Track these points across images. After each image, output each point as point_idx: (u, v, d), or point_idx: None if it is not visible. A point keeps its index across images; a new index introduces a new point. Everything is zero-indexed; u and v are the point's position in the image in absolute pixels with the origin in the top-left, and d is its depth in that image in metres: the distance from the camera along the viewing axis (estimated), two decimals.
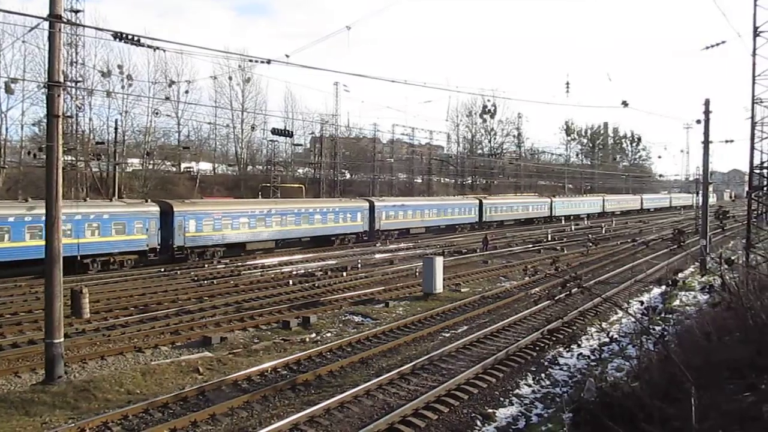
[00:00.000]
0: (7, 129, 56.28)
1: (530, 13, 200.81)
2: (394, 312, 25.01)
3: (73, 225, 33.44)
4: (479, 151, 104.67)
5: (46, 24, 14.76)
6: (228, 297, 27.11)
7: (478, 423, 13.31)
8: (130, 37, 14.38)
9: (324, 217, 49.98)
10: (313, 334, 21.22)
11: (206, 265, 37.54)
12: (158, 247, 38.43)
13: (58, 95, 15.08)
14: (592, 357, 18.19)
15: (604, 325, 22.05)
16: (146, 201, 41.27)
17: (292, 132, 44.99)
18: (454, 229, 65.31)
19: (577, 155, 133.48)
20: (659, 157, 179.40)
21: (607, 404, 10.30)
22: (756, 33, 24.38)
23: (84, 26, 46.05)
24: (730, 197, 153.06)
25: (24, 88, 50.81)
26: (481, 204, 69.74)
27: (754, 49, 24.46)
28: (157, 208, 39.16)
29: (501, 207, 74.00)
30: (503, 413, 13.88)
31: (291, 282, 31.12)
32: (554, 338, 19.70)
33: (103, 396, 14.70)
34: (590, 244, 43.62)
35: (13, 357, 17.66)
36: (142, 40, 14.75)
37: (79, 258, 33.18)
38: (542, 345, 19.08)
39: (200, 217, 40.95)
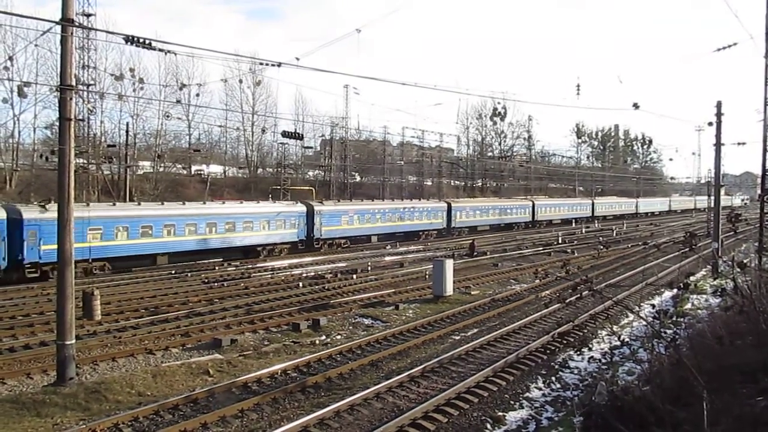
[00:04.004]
0: (19, 132, 56.94)
1: (540, 15, 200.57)
2: (404, 314, 24.99)
3: (404, 214, 56.95)
4: (489, 154, 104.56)
5: (58, 28, 14.85)
6: (238, 299, 27.17)
7: (488, 426, 13.26)
8: (141, 40, 14.46)
9: (511, 211, 73.58)
10: (323, 337, 21.23)
11: (216, 268, 37.69)
12: (444, 227, 61.76)
13: (70, 98, 15.16)
14: (603, 360, 18.09)
15: (615, 328, 21.91)
16: (440, 201, 65.79)
17: (302, 135, 45.32)
18: (576, 222, 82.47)
19: (587, 158, 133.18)
20: (670, 159, 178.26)
21: (618, 408, 10.24)
22: None
23: (96, 30, 46.18)
24: (742, 201, 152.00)
25: (36, 91, 51.36)
26: (593, 204, 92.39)
27: (767, 51, 24.27)
28: (446, 205, 63.00)
29: (606, 205, 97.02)
30: (513, 416, 13.83)
31: (301, 284, 31.15)
32: (565, 341, 19.63)
33: (114, 397, 14.76)
34: (601, 247, 43.40)
35: (25, 358, 17.78)
36: (153, 44, 14.83)
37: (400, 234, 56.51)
38: (553, 348, 19.00)
39: (462, 210, 65.01)
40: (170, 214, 38.56)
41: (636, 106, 27.94)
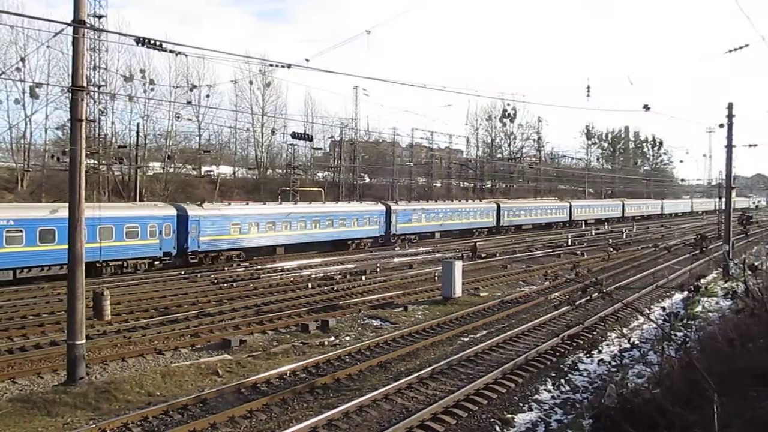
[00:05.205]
0: (31, 133, 57.12)
1: (551, 16, 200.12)
2: (413, 316, 24.98)
3: (462, 213, 62.78)
4: (499, 155, 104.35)
5: (70, 29, 14.93)
6: (247, 300, 27.23)
7: (497, 428, 13.23)
8: (152, 42, 14.51)
9: (551, 211, 79.66)
10: (332, 338, 21.25)
11: (226, 268, 37.79)
12: (494, 226, 66.93)
13: (82, 99, 15.24)
14: (613, 363, 18.02)
15: (624, 330, 21.83)
16: (490, 201, 70.93)
17: (311, 136, 45.84)
18: (608, 222, 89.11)
19: (597, 159, 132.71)
20: (681, 161, 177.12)
21: (628, 410, 10.21)
22: None
23: (107, 32, 46.63)
24: (753, 203, 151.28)
25: (48, 92, 51.67)
26: (623, 205, 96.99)
27: None
28: (495, 205, 68.38)
29: (634, 206, 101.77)
30: (522, 418, 13.79)
31: (310, 285, 31.18)
32: (574, 343, 19.56)
33: (123, 397, 14.83)
34: (611, 249, 43.19)
35: (35, 358, 17.87)
36: (164, 45, 14.87)
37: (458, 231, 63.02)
38: (562, 350, 18.95)
39: (509, 210, 70.23)
40: (286, 212, 44.82)
41: (646, 107, 27.63)
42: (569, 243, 55.17)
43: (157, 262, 36.55)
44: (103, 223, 31.88)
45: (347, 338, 21.39)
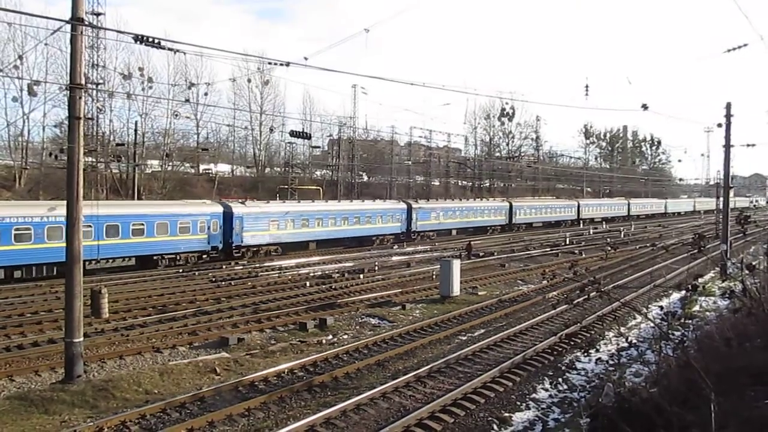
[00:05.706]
0: (29, 130, 57.00)
1: (549, 15, 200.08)
2: (411, 314, 24.98)
3: (476, 212, 65.94)
4: (497, 154, 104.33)
5: (68, 27, 14.91)
6: (245, 298, 27.22)
7: (495, 427, 13.24)
8: (150, 39, 14.50)
9: (560, 210, 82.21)
10: (330, 336, 21.25)
11: (224, 267, 37.78)
12: (506, 224, 69.55)
13: (80, 97, 15.22)
14: (611, 362, 18.02)
15: (622, 329, 21.85)
16: (503, 200, 74.82)
17: (310, 134, 45.99)
18: (613, 220, 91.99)
19: (595, 158, 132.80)
20: (679, 160, 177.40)
21: (626, 410, 10.20)
22: None
23: (105, 29, 46.22)
24: (751, 203, 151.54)
25: (46, 90, 51.30)
26: (629, 204, 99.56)
27: None
28: (508, 204, 71.66)
29: (639, 205, 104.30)
30: (520, 417, 13.80)
31: (308, 284, 31.17)
32: (572, 342, 19.58)
33: (121, 395, 14.83)
34: (609, 248, 43.22)
35: (33, 356, 17.84)
36: (163, 43, 14.87)
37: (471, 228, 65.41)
38: (560, 349, 18.96)
39: (521, 208, 73.45)
40: (319, 210, 48.15)
41: (645, 107, 27.72)
42: (567, 242, 55.20)
43: (204, 256, 39.40)
44: (159, 219, 36.28)
45: (345, 336, 21.39)
